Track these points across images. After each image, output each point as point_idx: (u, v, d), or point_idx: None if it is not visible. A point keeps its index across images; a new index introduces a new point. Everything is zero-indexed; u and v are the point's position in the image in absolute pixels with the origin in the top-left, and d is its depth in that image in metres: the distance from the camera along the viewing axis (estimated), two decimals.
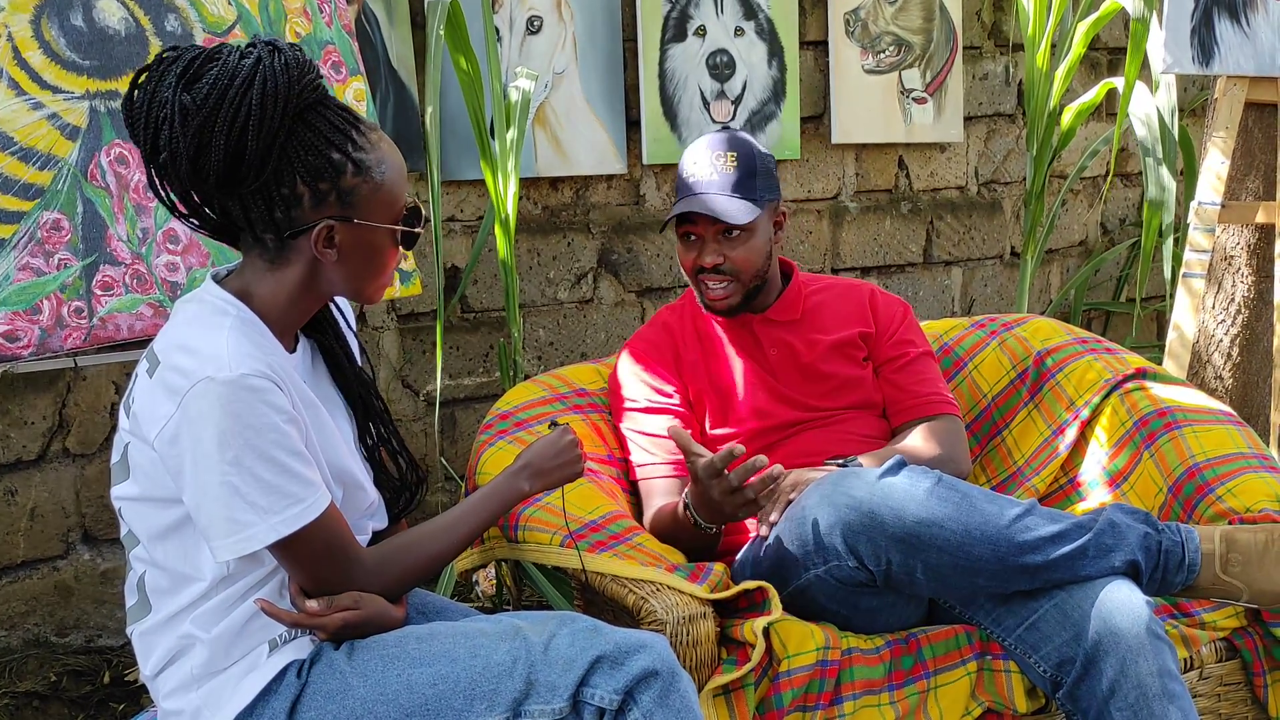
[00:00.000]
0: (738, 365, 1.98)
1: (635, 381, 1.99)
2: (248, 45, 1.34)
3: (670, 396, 1.97)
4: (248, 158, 1.30)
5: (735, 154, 1.91)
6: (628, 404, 1.98)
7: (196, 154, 1.30)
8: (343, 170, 1.35)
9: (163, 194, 1.37)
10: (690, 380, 1.98)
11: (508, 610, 2.58)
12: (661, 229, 1.99)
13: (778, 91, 3.26)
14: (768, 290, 2.00)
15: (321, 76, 1.37)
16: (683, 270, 2.00)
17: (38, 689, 2.34)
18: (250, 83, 1.30)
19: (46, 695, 2.34)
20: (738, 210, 1.89)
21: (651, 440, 1.94)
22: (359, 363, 1.53)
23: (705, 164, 1.92)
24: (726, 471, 1.64)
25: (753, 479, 1.64)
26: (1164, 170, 2.83)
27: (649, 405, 1.96)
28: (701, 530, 1.74)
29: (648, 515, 1.89)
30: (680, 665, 1.37)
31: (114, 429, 2.51)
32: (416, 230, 1.43)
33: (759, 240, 1.93)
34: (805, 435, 1.94)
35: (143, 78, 1.33)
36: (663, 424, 1.94)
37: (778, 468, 1.65)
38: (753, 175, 1.91)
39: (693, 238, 1.94)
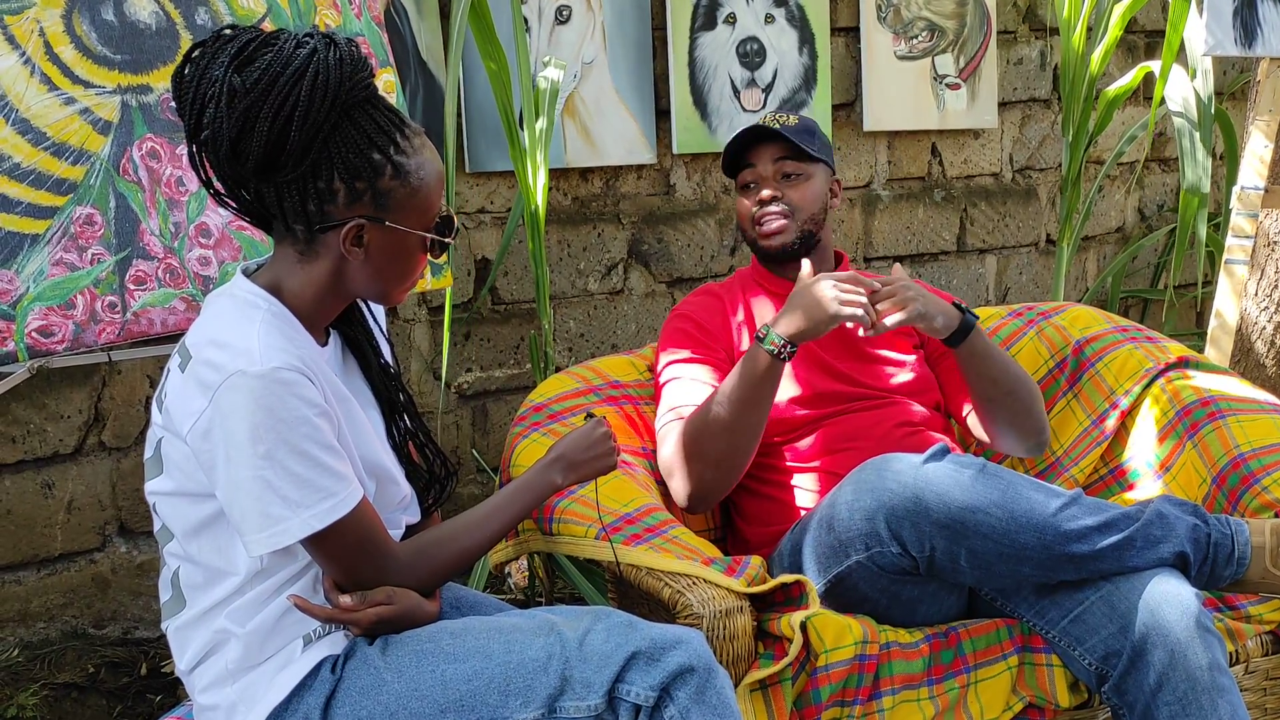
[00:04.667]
0: None
1: (680, 336, 1.97)
2: (305, 35, 1.33)
3: (717, 352, 1.94)
4: (289, 147, 1.30)
5: (795, 116, 1.98)
6: (671, 354, 1.96)
7: (238, 137, 1.29)
8: (381, 171, 1.34)
9: (201, 171, 1.36)
10: (739, 343, 1.96)
11: (540, 602, 2.57)
12: (725, 167, 2.00)
13: (809, 79, 3.23)
14: (820, 260, 1.98)
15: (374, 75, 1.36)
16: (741, 225, 2.00)
17: (76, 680, 2.36)
18: (302, 73, 1.29)
19: (85, 687, 2.36)
20: (802, 144, 1.93)
21: (694, 372, 1.90)
22: (385, 357, 1.52)
23: (767, 119, 1.97)
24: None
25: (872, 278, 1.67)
26: (1201, 154, 2.78)
27: (693, 356, 1.93)
28: (775, 357, 1.73)
29: (672, 415, 1.85)
30: (717, 661, 1.35)
31: (149, 422, 2.52)
32: (447, 240, 1.42)
33: (816, 188, 1.96)
34: (850, 418, 1.90)
35: (196, 52, 1.32)
36: (707, 373, 1.90)
37: (897, 267, 1.71)
38: (812, 134, 1.97)
39: (751, 185, 1.95)
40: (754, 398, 1.76)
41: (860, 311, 1.70)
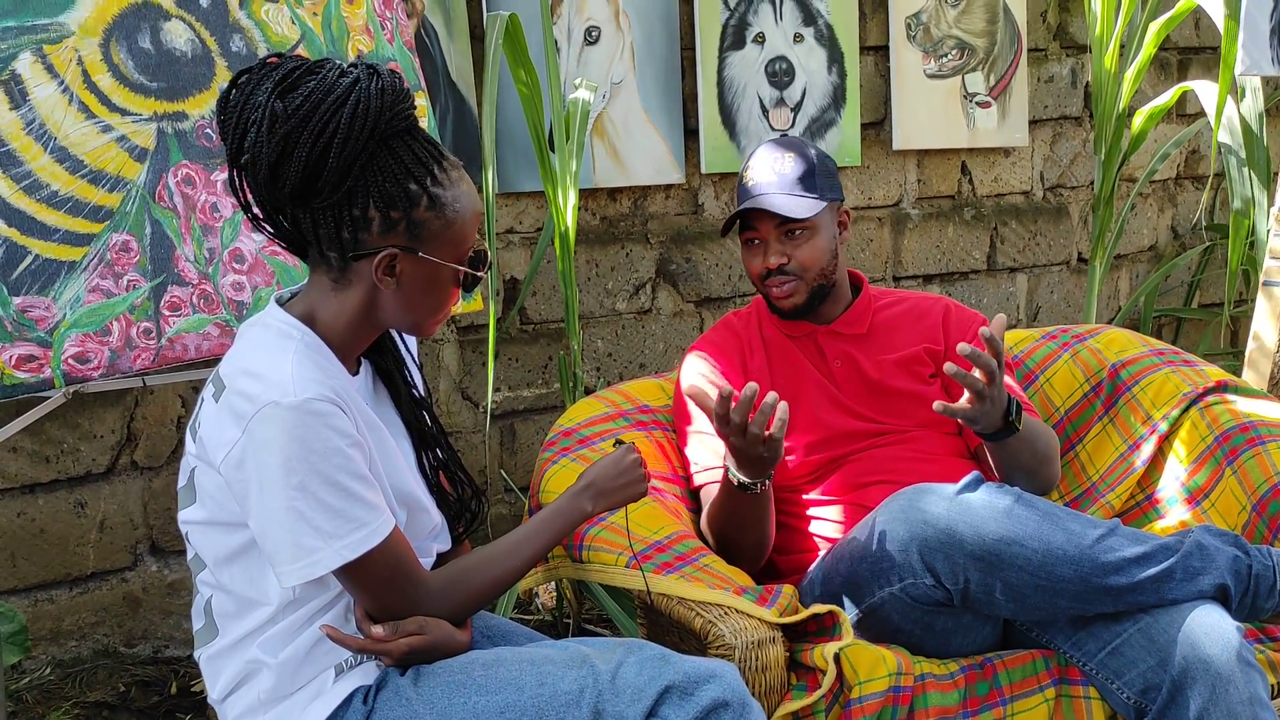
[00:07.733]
0: (802, 375, 1.94)
1: (701, 381, 1.95)
2: (349, 64, 1.34)
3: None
4: (325, 174, 1.30)
5: (793, 154, 1.90)
6: (692, 404, 1.94)
7: (277, 161, 1.30)
8: (417, 202, 1.35)
9: (240, 195, 1.37)
10: (757, 384, 1.94)
11: (568, 623, 2.56)
12: (724, 232, 1.96)
13: (838, 98, 3.22)
14: (835, 299, 1.96)
15: (414, 107, 1.37)
16: (750, 279, 1.97)
17: (107, 699, 2.38)
18: (343, 101, 1.30)
19: (115, 705, 2.37)
20: (797, 205, 1.86)
21: (717, 440, 1.90)
22: (417, 388, 1.52)
23: (763, 167, 1.91)
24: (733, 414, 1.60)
25: (733, 407, 1.59)
26: (1251, 175, 2.74)
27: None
28: (745, 491, 1.69)
29: (705, 477, 1.86)
30: (750, 695, 1.34)
31: (181, 442, 2.54)
32: (479, 274, 1.42)
33: (822, 239, 1.90)
34: (873, 453, 1.89)
35: (243, 78, 1.34)
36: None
37: (772, 395, 1.61)
38: (812, 173, 1.89)
39: (756, 242, 1.92)
40: (745, 512, 1.75)
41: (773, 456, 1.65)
